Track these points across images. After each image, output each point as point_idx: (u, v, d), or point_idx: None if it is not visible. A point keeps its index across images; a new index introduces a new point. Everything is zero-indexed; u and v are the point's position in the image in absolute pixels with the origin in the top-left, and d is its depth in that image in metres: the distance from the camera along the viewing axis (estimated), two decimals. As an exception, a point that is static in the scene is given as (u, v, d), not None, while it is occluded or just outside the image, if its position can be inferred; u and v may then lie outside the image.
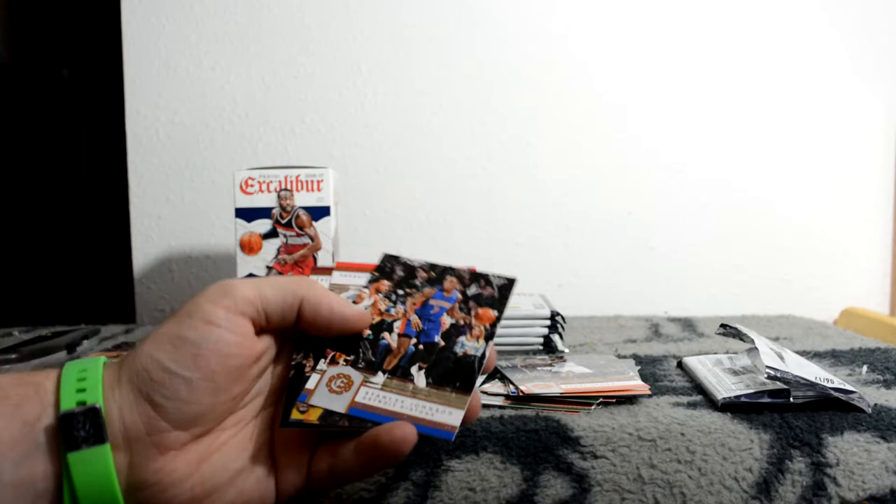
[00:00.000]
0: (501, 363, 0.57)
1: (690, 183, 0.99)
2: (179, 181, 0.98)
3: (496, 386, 0.52)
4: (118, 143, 1.00)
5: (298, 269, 0.69)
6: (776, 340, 0.71)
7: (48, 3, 1.21)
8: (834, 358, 0.62)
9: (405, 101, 0.98)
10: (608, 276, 0.99)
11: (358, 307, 0.39)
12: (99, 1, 1.10)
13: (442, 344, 0.39)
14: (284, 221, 0.69)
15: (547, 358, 0.61)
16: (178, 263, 0.99)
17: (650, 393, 0.50)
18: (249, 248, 0.69)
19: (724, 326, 0.55)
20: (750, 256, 1.00)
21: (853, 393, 0.46)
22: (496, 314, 0.41)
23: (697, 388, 0.53)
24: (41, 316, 1.01)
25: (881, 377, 0.55)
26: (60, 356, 0.64)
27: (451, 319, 0.40)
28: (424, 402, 0.36)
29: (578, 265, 0.99)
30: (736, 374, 0.52)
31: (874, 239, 1.01)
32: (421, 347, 0.39)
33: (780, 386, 0.46)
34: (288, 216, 0.69)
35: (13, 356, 0.59)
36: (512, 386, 0.50)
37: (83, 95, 1.20)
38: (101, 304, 1.13)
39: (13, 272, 1.18)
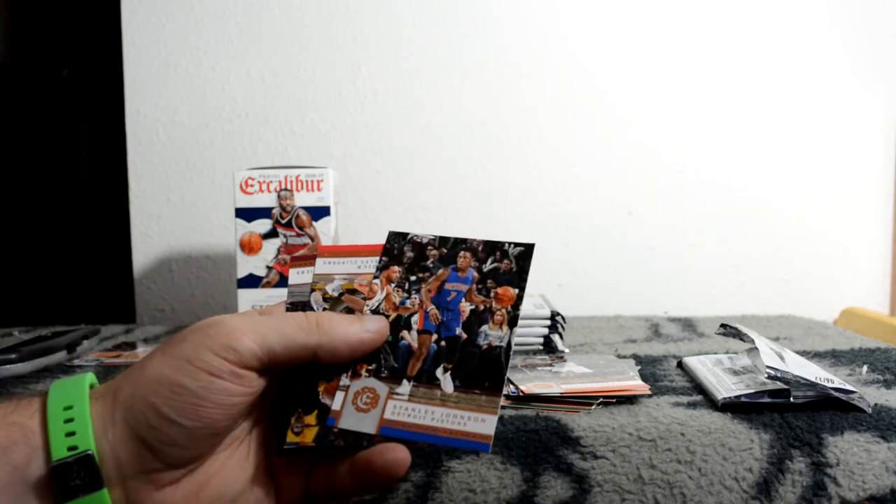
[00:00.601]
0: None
1: (690, 183, 0.99)
2: (179, 181, 0.98)
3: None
4: (118, 143, 1.00)
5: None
6: (776, 340, 0.71)
7: (48, 3, 1.21)
8: (834, 358, 0.62)
9: (405, 101, 0.98)
10: (608, 276, 0.99)
11: (373, 323, 0.36)
12: (99, 1, 1.10)
13: (464, 337, 0.37)
14: (284, 221, 0.69)
15: (547, 358, 0.61)
16: (178, 263, 0.99)
17: (650, 393, 0.49)
18: (249, 248, 0.69)
19: (724, 326, 0.55)
20: (750, 256, 1.00)
21: (853, 393, 0.46)
22: (517, 292, 0.38)
23: (697, 388, 0.53)
24: (41, 316, 1.01)
25: (881, 377, 0.55)
26: (60, 356, 0.64)
27: (470, 305, 0.38)
28: (455, 409, 0.35)
29: (578, 265, 0.99)
30: (736, 374, 0.52)
31: (874, 239, 1.01)
32: (443, 344, 0.37)
33: (780, 386, 0.46)
34: (288, 216, 0.69)
35: (13, 356, 0.59)
36: (512, 386, 0.50)
37: (83, 95, 1.20)
38: (101, 304, 1.13)
39: (13, 272, 1.18)
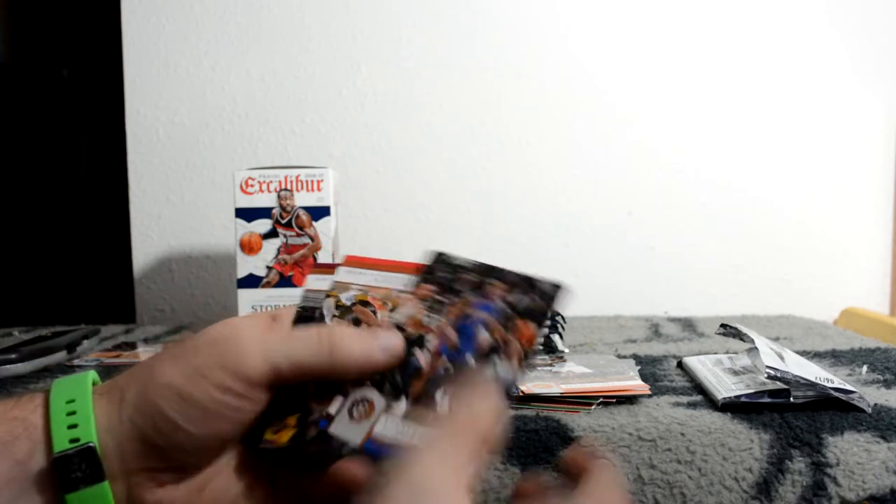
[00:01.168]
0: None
1: (690, 183, 0.99)
2: (179, 181, 0.98)
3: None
4: (118, 143, 1.00)
5: (298, 268, 0.69)
6: (776, 340, 0.71)
7: (48, 3, 1.21)
8: (834, 358, 0.62)
9: (405, 101, 0.98)
10: (608, 276, 0.99)
11: (389, 341, 0.35)
12: (99, 1, 1.10)
13: (475, 367, 0.34)
14: (284, 221, 0.69)
15: (547, 358, 0.61)
16: (178, 263, 0.99)
17: (650, 393, 0.49)
18: (249, 248, 0.69)
19: (724, 326, 0.55)
20: (750, 256, 1.00)
21: (853, 393, 0.46)
22: (535, 328, 0.35)
23: (697, 388, 0.53)
24: (41, 316, 1.01)
25: (881, 377, 0.55)
26: (60, 356, 0.64)
27: (488, 336, 0.35)
28: None
29: (578, 265, 0.99)
30: (736, 374, 0.52)
31: (874, 239, 1.01)
32: (450, 367, 0.34)
33: (780, 386, 0.46)
34: (288, 216, 0.69)
35: (13, 356, 0.59)
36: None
37: (83, 95, 1.20)
38: (101, 304, 1.13)
39: (13, 272, 1.18)
